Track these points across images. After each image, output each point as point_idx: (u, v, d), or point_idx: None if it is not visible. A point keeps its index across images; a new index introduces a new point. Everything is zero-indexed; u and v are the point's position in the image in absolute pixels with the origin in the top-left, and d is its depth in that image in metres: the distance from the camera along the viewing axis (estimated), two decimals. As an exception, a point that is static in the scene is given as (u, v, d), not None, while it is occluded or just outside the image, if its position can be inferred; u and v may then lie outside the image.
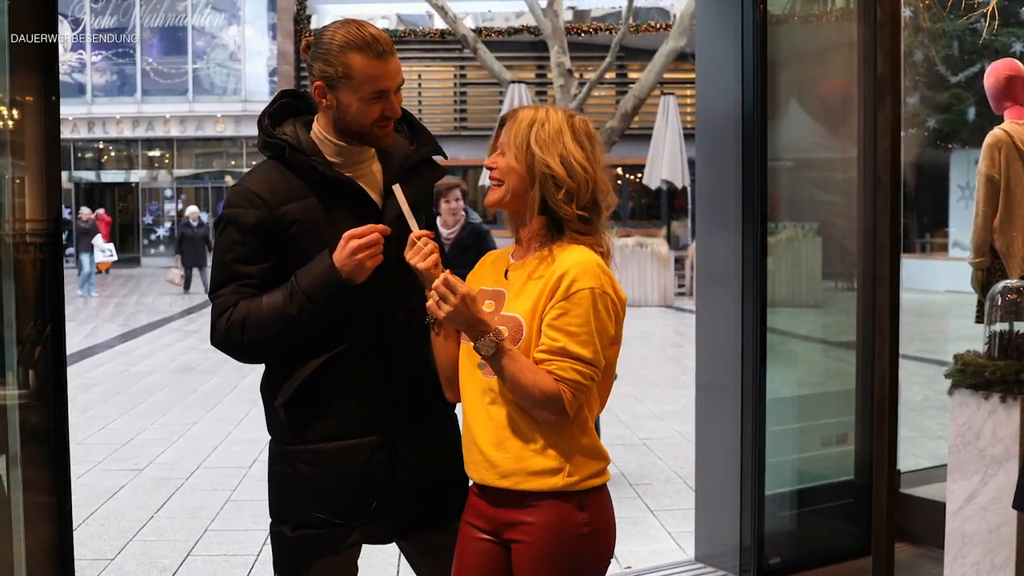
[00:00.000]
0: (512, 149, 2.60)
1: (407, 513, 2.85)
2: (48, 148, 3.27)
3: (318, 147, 2.79)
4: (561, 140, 2.58)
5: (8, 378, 3.30)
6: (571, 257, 2.54)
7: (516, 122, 2.62)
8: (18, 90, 3.26)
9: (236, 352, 2.79)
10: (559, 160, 2.56)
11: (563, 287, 2.50)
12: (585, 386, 2.50)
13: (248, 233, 2.72)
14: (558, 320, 2.49)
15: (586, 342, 2.49)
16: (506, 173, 2.61)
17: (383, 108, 2.75)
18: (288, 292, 2.69)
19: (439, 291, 2.50)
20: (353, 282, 2.67)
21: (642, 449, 8.11)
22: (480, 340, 2.50)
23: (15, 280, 3.29)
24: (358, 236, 2.66)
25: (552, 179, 2.56)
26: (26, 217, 3.28)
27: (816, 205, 5.29)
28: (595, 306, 2.50)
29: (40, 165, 3.25)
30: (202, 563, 5.51)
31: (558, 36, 21.22)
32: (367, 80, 2.71)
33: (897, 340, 3.04)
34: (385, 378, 2.80)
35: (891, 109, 2.96)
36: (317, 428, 2.78)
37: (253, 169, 2.85)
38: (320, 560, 2.82)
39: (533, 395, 2.48)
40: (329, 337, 2.74)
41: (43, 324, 3.29)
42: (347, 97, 2.73)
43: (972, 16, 7.89)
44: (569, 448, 2.55)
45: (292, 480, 2.82)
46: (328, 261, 2.67)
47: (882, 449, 3.07)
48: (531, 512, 2.56)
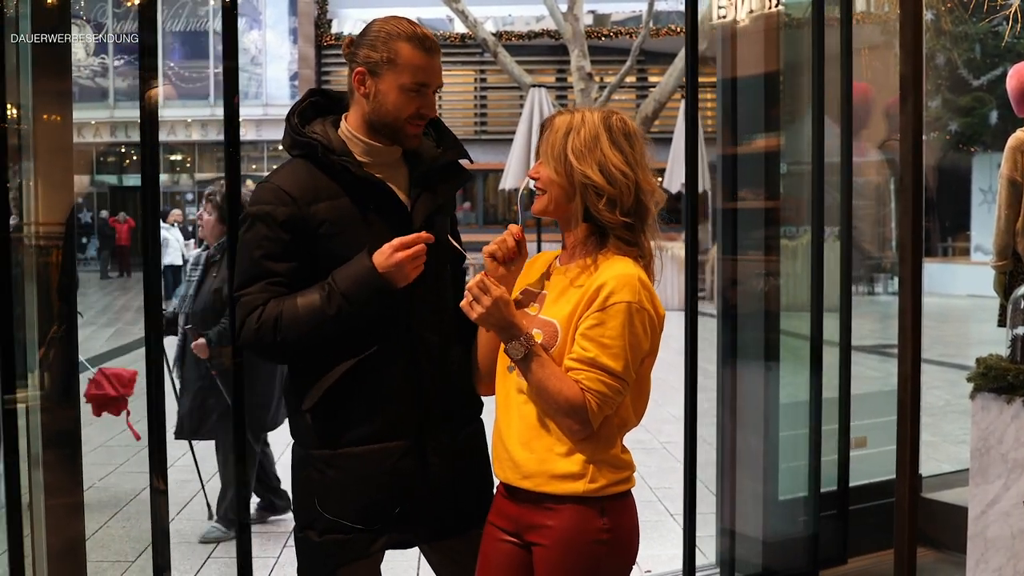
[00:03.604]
0: (551, 161, 2.58)
1: (433, 518, 2.83)
2: (61, 150, 3.28)
3: (347, 147, 2.79)
4: (598, 147, 2.55)
5: (28, 380, 3.32)
6: (613, 269, 2.53)
7: (553, 131, 2.60)
8: (32, 92, 3.28)
9: (266, 352, 2.78)
10: (597, 168, 2.54)
11: (600, 298, 2.48)
12: (611, 398, 2.49)
13: (278, 230, 2.70)
14: (592, 330, 2.49)
15: (617, 355, 2.47)
16: (547, 184, 2.60)
17: (420, 104, 2.74)
18: (326, 293, 2.66)
19: (473, 292, 2.51)
20: (393, 286, 2.66)
21: (662, 453, 8.09)
22: (511, 343, 2.50)
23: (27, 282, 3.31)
24: (405, 247, 2.65)
25: (592, 188, 2.54)
26: (40, 220, 3.29)
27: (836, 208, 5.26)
28: (631, 320, 2.48)
29: (53, 168, 3.27)
30: (223, 566, 5.52)
31: (578, 40, 21.20)
32: (411, 69, 2.71)
33: (919, 342, 3.02)
34: (414, 382, 2.78)
35: (913, 110, 2.94)
36: (344, 433, 2.76)
37: (280, 167, 2.83)
38: (345, 566, 2.81)
39: (558, 402, 2.47)
40: (358, 340, 2.72)
41: (56, 326, 3.30)
42: (387, 84, 2.72)
43: (994, 19, 7.85)
44: (593, 455, 2.54)
45: (319, 485, 2.80)
46: (368, 263, 2.65)
47: (904, 452, 3.05)
48: (552, 515, 2.55)
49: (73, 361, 3.36)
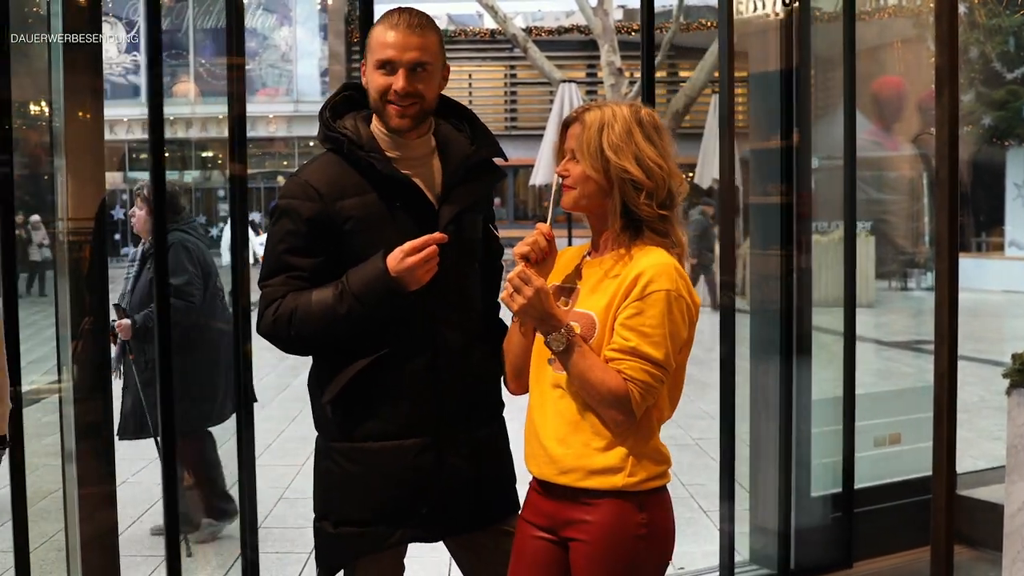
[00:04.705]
0: (587, 157, 2.55)
1: (452, 515, 2.83)
2: (92, 147, 3.30)
3: (377, 142, 2.78)
4: (633, 141, 2.53)
5: (63, 374, 3.35)
6: (649, 258, 2.51)
7: (585, 128, 2.56)
8: (63, 90, 3.30)
9: (282, 343, 2.78)
10: (635, 163, 2.52)
11: (639, 287, 2.47)
12: (654, 387, 2.47)
13: (303, 225, 2.71)
14: (632, 320, 2.47)
15: (658, 343, 2.46)
16: (581, 181, 2.57)
17: (389, 81, 2.72)
18: (338, 292, 2.67)
19: (514, 283, 2.50)
20: (406, 290, 2.66)
21: (695, 449, 8.06)
22: (552, 335, 2.49)
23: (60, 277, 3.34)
24: (415, 251, 2.64)
25: (631, 183, 2.52)
26: (71, 215, 3.32)
27: (869, 204, 5.22)
28: (670, 309, 2.47)
29: (84, 164, 3.29)
30: (254, 560, 5.53)
31: (608, 35, 21.14)
32: (379, 47, 2.72)
33: (956, 338, 2.99)
34: (434, 380, 2.77)
35: (949, 102, 2.90)
36: (363, 427, 2.77)
37: (312, 161, 2.84)
38: (363, 558, 2.82)
39: (601, 393, 2.46)
40: (378, 336, 2.73)
41: (87, 319, 3.32)
42: (368, 68, 2.76)
43: (1029, 11, 7.77)
44: (632, 448, 2.52)
45: (336, 477, 2.82)
46: (381, 266, 2.65)
47: (941, 450, 3.01)
48: (590, 510, 2.53)
49: (105, 353, 3.38)
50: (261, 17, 34.91)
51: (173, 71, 35.32)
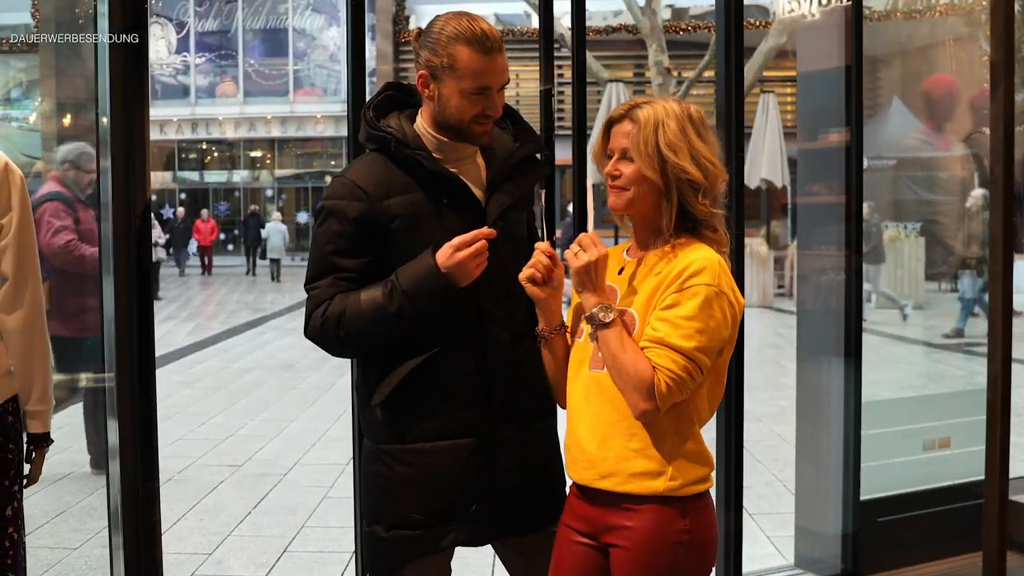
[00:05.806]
0: (644, 157, 2.50)
1: (503, 516, 2.80)
2: (138, 147, 3.31)
3: (422, 140, 2.77)
4: (687, 139, 2.50)
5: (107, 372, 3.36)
6: (693, 254, 2.48)
7: (640, 126, 2.52)
8: (109, 90, 3.31)
9: (330, 346, 2.77)
10: (692, 161, 2.49)
11: (679, 280, 2.43)
12: (683, 379, 2.41)
13: (350, 225, 2.69)
14: (665, 311, 2.44)
15: (689, 335, 2.40)
16: (635, 181, 2.53)
17: (483, 105, 2.71)
18: (388, 290, 2.65)
19: (583, 242, 2.50)
20: (456, 286, 2.64)
21: (739, 451, 8.00)
22: (600, 306, 2.47)
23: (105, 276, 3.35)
24: (465, 246, 2.62)
25: (688, 182, 2.49)
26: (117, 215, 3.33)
27: (919, 204, 5.16)
28: (708, 303, 2.42)
29: (131, 164, 3.30)
30: (299, 559, 5.55)
31: (656, 34, 21.06)
32: (470, 74, 2.67)
33: (1010, 339, 2.93)
34: (483, 379, 2.75)
35: (1004, 98, 2.84)
36: (414, 428, 2.75)
37: (356, 161, 2.83)
38: (413, 562, 2.79)
39: (629, 374, 2.42)
40: (428, 336, 2.70)
41: (133, 319, 3.34)
42: (448, 89, 2.69)
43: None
44: (673, 451, 2.48)
45: (387, 480, 2.79)
46: (431, 262, 2.63)
47: (993, 454, 2.95)
48: (631, 516, 2.50)
49: (149, 351, 3.40)
50: (310, 18, 35.15)
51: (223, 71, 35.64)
